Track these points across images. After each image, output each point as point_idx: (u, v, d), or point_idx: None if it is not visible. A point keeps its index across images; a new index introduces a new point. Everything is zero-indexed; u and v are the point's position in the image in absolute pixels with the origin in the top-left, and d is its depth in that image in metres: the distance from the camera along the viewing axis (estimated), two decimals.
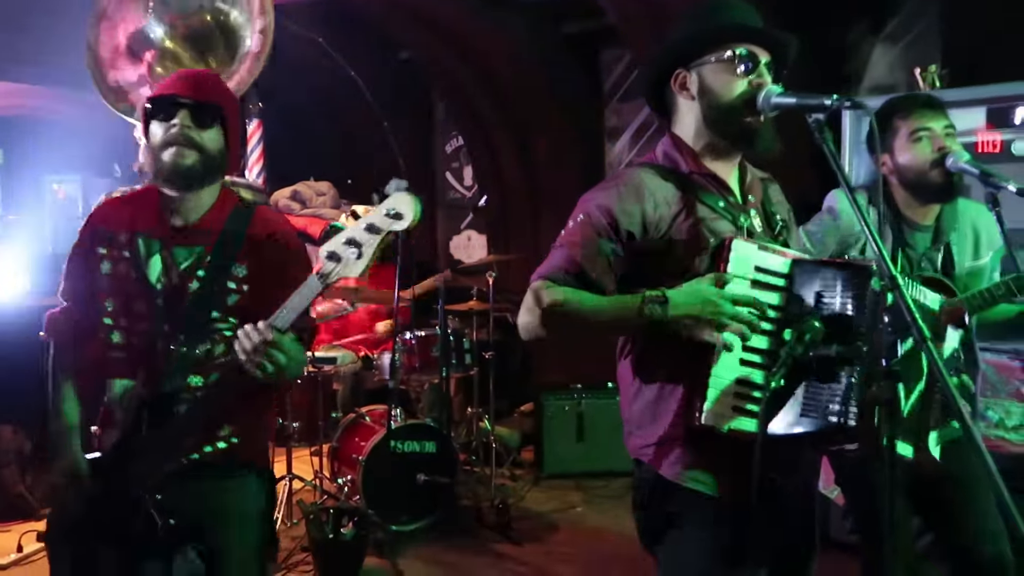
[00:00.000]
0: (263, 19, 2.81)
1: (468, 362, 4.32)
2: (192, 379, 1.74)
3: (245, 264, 1.78)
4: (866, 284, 1.42)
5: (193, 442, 1.74)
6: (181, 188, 1.75)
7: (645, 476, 1.60)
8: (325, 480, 4.02)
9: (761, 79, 1.54)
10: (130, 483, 1.69)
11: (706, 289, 1.45)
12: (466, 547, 3.68)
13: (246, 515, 1.82)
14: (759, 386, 1.46)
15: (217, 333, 1.76)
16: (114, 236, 1.79)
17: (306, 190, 5.94)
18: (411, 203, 1.51)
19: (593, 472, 4.50)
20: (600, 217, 1.53)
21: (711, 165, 1.61)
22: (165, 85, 1.76)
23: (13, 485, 3.98)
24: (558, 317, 1.51)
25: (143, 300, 1.76)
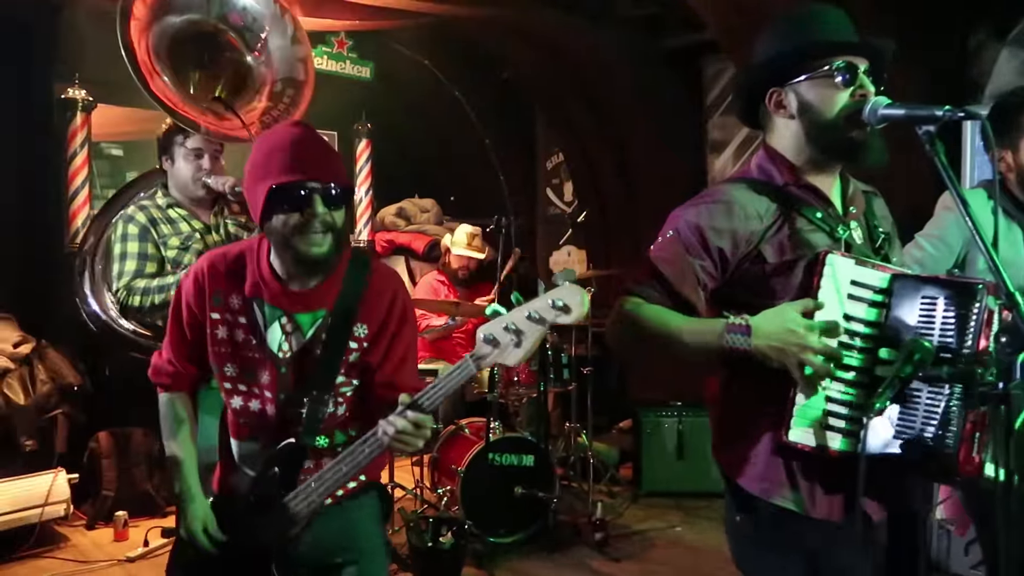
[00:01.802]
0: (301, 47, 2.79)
1: (566, 377, 4.33)
2: (319, 440, 1.72)
3: (365, 324, 1.72)
4: (972, 303, 1.34)
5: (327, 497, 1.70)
6: (311, 273, 1.68)
7: (734, 493, 1.58)
8: (425, 490, 4.12)
9: (864, 89, 1.49)
10: (256, 538, 1.69)
11: (792, 318, 1.40)
12: (563, 562, 3.67)
13: (372, 536, 1.83)
14: (851, 405, 1.41)
15: (340, 395, 1.72)
16: (227, 299, 1.71)
17: (411, 207, 6.13)
18: (580, 297, 1.42)
19: (693, 492, 4.41)
20: (689, 234, 1.52)
21: (811, 178, 1.57)
22: (285, 171, 1.58)
23: (141, 483, 4.27)
24: (638, 333, 1.50)
25: (265, 369, 1.70)
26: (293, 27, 2.77)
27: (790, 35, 1.56)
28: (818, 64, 1.50)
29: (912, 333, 1.38)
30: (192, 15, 2.70)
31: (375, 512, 1.85)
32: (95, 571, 3.60)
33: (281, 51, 2.78)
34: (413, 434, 1.52)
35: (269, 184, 1.58)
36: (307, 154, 1.60)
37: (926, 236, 2.16)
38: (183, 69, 2.72)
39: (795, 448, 1.43)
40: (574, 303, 1.41)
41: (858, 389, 1.43)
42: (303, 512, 1.67)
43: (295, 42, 2.78)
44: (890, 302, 1.43)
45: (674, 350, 1.50)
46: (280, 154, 1.60)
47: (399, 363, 1.74)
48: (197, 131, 2.62)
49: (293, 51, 2.78)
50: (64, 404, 4.07)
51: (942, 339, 1.36)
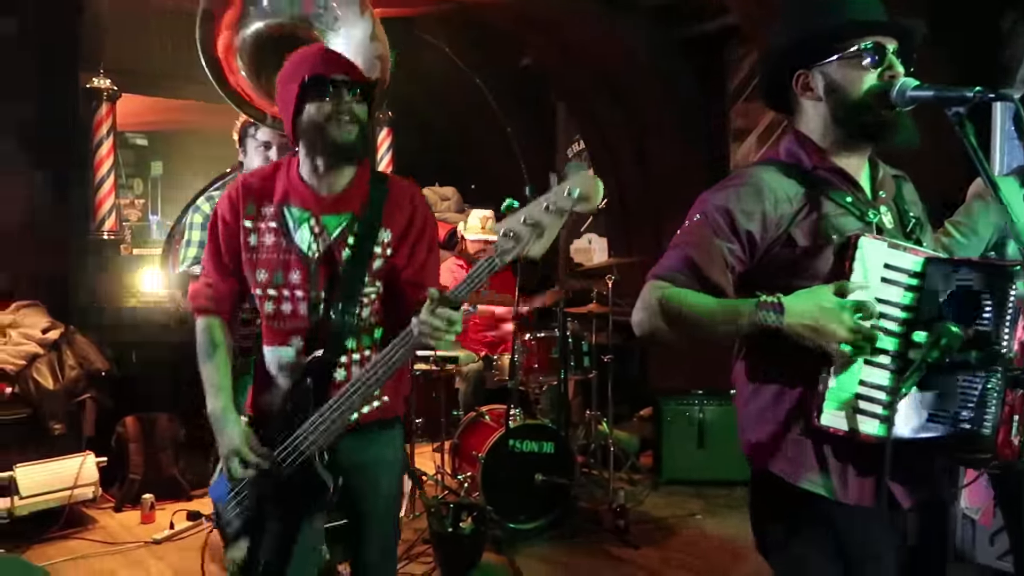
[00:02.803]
0: (377, 45, 2.83)
1: (587, 365, 4.33)
2: (348, 342, 1.80)
3: (389, 229, 1.83)
4: (1007, 286, 1.32)
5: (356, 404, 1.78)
6: (343, 162, 1.80)
7: (759, 476, 1.57)
8: (446, 476, 4.14)
9: (892, 70, 1.46)
10: (300, 445, 1.75)
11: (826, 297, 1.39)
12: (583, 548, 3.69)
13: (393, 464, 1.97)
14: (884, 388, 1.40)
15: (366, 297, 1.82)
16: (259, 208, 1.83)
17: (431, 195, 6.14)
18: (595, 185, 1.44)
19: (714, 480, 4.40)
20: (717, 217, 1.50)
21: (839, 161, 1.54)
22: (316, 65, 1.77)
23: (167, 468, 4.34)
24: (669, 318, 1.49)
25: (296, 269, 1.80)
26: (372, 24, 2.82)
27: (816, 15, 1.53)
28: (846, 45, 1.47)
29: (945, 316, 1.36)
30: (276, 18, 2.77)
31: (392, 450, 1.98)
32: (123, 552, 3.67)
33: (361, 48, 2.83)
34: (445, 329, 1.57)
35: (302, 76, 1.75)
36: (333, 56, 1.83)
37: (956, 223, 2.13)
38: (267, 69, 2.78)
39: (826, 432, 1.42)
40: (590, 190, 1.43)
41: (892, 373, 1.41)
42: (342, 416, 1.73)
43: (373, 39, 2.83)
44: (924, 285, 1.41)
45: (705, 332, 1.49)
46: (310, 57, 1.80)
47: (423, 264, 1.86)
48: (263, 123, 2.70)
49: (371, 48, 2.83)
50: (92, 389, 4.13)
51: (978, 323, 1.34)
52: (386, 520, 1.97)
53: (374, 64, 2.81)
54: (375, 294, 1.84)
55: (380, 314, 1.86)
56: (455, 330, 1.58)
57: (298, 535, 1.79)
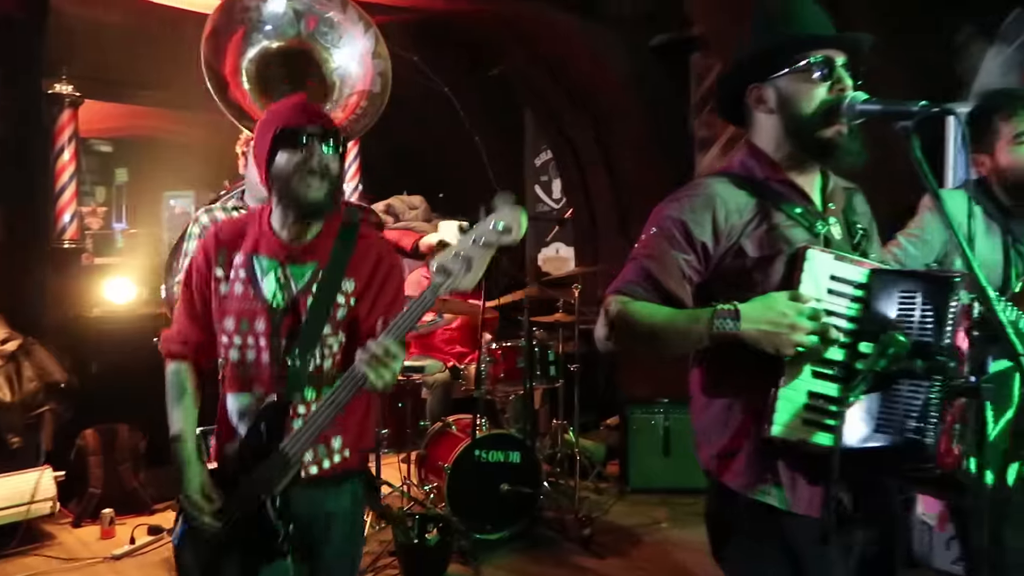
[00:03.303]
0: (380, 62, 2.87)
1: (553, 374, 4.33)
2: (306, 392, 1.81)
3: (353, 279, 1.85)
4: (949, 296, 1.35)
5: (310, 454, 1.81)
6: (309, 218, 1.83)
7: (715, 487, 1.58)
8: (412, 487, 4.12)
9: (841, 83, 1.50)
10: (253, 491, 1.77)
11: (781, 302, 1.42)
12: (548, 558, 3.69)
13: (352, 516, 1.94)
14: (833, 399, 1.42)
15: (327, 347, 1.83)
16: (230, 257, 1.87)
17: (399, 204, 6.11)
18: (519, 217, 1.53)
19: (679, 488, 4.41)
20: (672, 229, 1.53)
21: (791, 174, 1.57)
22: (291, 117, 1.81)
23: (128, 481, 4.26)
24: (631, 331, 1.51)
25: (261, 318, 1.82)
26: (375, 41, 2.84)
27: (768, 30, 1.57)
28: (797, 59, 1.51)
29: (892, 327, 1.39)
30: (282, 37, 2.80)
31: (350, 508, 1.92)
32: (81, 569, 3.59)
33: (363, 65, 2.85)
34: (385, 358, 1.60)
35: (276, 127, 1.80)
36: (308, 109, 1.85)
37: (907, 235, 2.17)
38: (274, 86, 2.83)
39: (777, 443, 1.44)
40: (514, 223, 1.53)
41: (838, 383, 1.43)
42: (292, 461, 1.75)
43: (376, 56, 2.87)
44: (869, 297, 1.44)
45: (664, 342, 1.52)
46: (285, 108, 1.84)
47: (384, 315, 1.83)
48: None
49: (375, 65, 2.87)
50: (50, 401, 4.06)
51: (921, 333, 1.37)
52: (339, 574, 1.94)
53: (376, 80, 2.87)
54: (337, 345, 1.85)
55: (341, 366, 1.85)
56: (394, 366, 1.61)
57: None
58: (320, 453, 1.84)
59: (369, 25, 2.84)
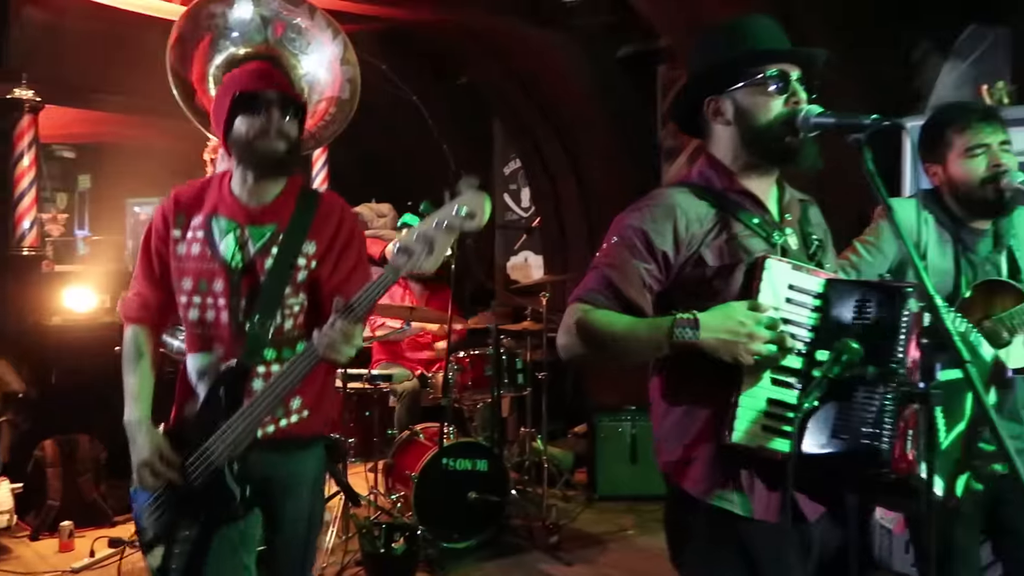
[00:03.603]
0: (349, 69, 2.88)
1: (521, 382, 4.34)
2: (266, 353, 1.82)
3: (314, 241, 1.86)
4: (902, 305, 1.39)
5: (269, 415, 1.82)
6: (271, 174, 1.85)
7: (673, 493, 1.60)
8: (379, 496, 4.09)
9: (796, 97, 1.54)
10: (210, 455, 1.77)
11: (739, 311, 1.45)
12: (516, 566, 3.68)
13: (311, 482, 1.96)
14: (791, 406, 1.45)
15: (288, 308, 1.84)
16: (189, 219, 1.88)
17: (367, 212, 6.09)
18: (483, 202, 1.54)
19: (646, 496, 4.43)
20: (633, 238, 1.55)
21: (748, 184, 1.61)
22: (249, 80, 1.85)
23: (88, 492, 4.17)
24: (592, 338, 1.52)
25: (219, 278, 1.83)
26: (344, 48, 2.84)
27: (726, 45, 1.61)
28: (753, 72, 1.55)
29: (846, 334, 1.42)
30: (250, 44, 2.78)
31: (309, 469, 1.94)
32: None
33: (331, 70, 2.86)
34: (342, 341, 1.63)
35: (234, 91, 1.82)
36: (268, 74, 1.89)
37: (863, 242, 2.22)
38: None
39: (736, 449, 1.47)
40: (477, 208, 1.54)
41: (797, 391, 1.46)
42: (249, 426, 1.75)
43: (345, 62, 2.86)
44: (826, 306, 1.48)
45: (624, 350, 1.53)
46: (245, 73, 1.88)
47: (347, 277, 1.87)
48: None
49: (343, 71, 2.86)
50: (8, 412, 3.97)
51: (875, 342, 1.40)
52: (295, 542, 1.94)
53: (345, 87, 2.86)
54: (298, 306, 1.86)
55: (304, 327, 1.87)
56: (354, 343, 1.64)
57: (209, 544, 1.79)
58: (278, 413, 1.85)
59: (337, 32, 2.84)
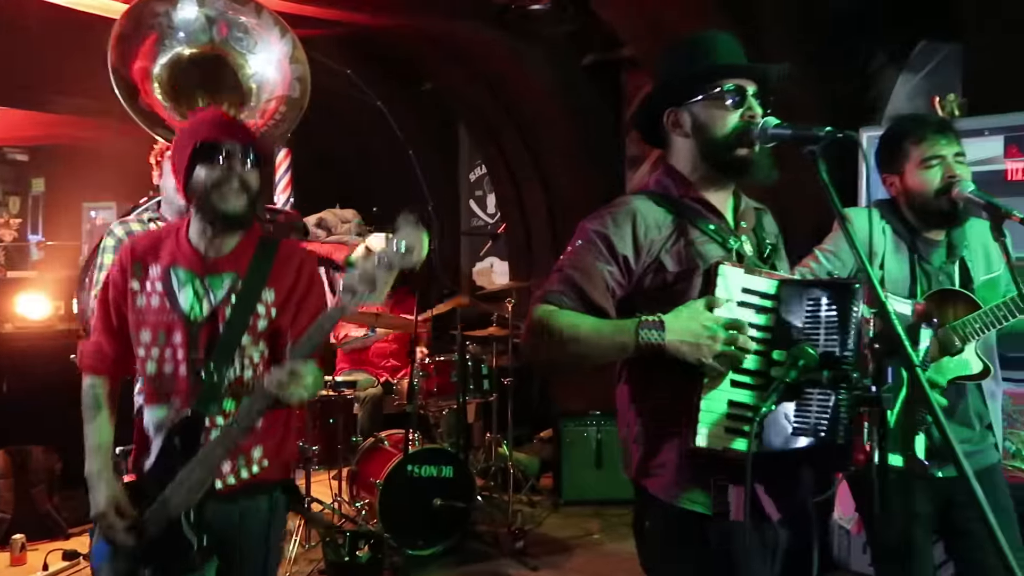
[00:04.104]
0: (298, 67, 2.86)
1: (487, 388, 4.35)
2: (225, 403, 1.81)
3: (273, 289, 1.86)
4: (851, 301, 1.44)
5: (228, 465, 1.81)
6: (227, 230, 1.84)
7: (643, 498, 1.62)
8: (343, 503, 4.06)
9: (752, 111, 1.58)
10: (167, 505, 1.76)
11: (701, 313, 1.48)
12: (482, 572, 3.68)
13: (269, 529, 1.93)
14: (750, 407, 1.48)
15: (248, 358, 1.83)
16: (146, 269, 1.86)
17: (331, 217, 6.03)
18: (421, 237, 1.58)
19: (611, 500, 4.47)
20: (596, 241, 1.58)
21: (705, 193, 1.65)
22: (210, 130, 1.81)
23: (42, 504, 4.07)
24: (553, 338, 1.54)
25: (178, 330, 1.82)
26: (292, 46, 2.81)
27: (686, 59, 1.65)
28: (710, 87, 1.59)
29: (800, 334, 1.46)
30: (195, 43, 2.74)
31: (265, 517, 1.91)
32: None
33: (280, 70, 2.83)
34: (292, 381, 1.64)
35: (195, 141, 1.79)
36: (228, 123, 1.86)
37: (823, 250, 2.26)
38: (190, 95, 2.77)
39: (700, 452, 1.49)
40: (415, 244, 1.59)
41: (755, 391, 1.50)
42: (206, 474, 1.75)
43: (294, 60, 2.84)
44: (779, 306, 1.51)
45: (592, 352, 1.55)
46: (205, 122, 1.84)
47: (307, 327, 1.83)
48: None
49: (292, 70, 2.84)
50: None
51: (828, 337, 1.45)
52: None
53: (294, 85, 2.84)
54: (259, 355, 1.85)
55: (263, 377, 1.82)
56: (303, 383, 1.65)
57: None
58: (239, 463, 1.84)
59: (285, 30, 2.82)
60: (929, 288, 2.10)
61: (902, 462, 1.57)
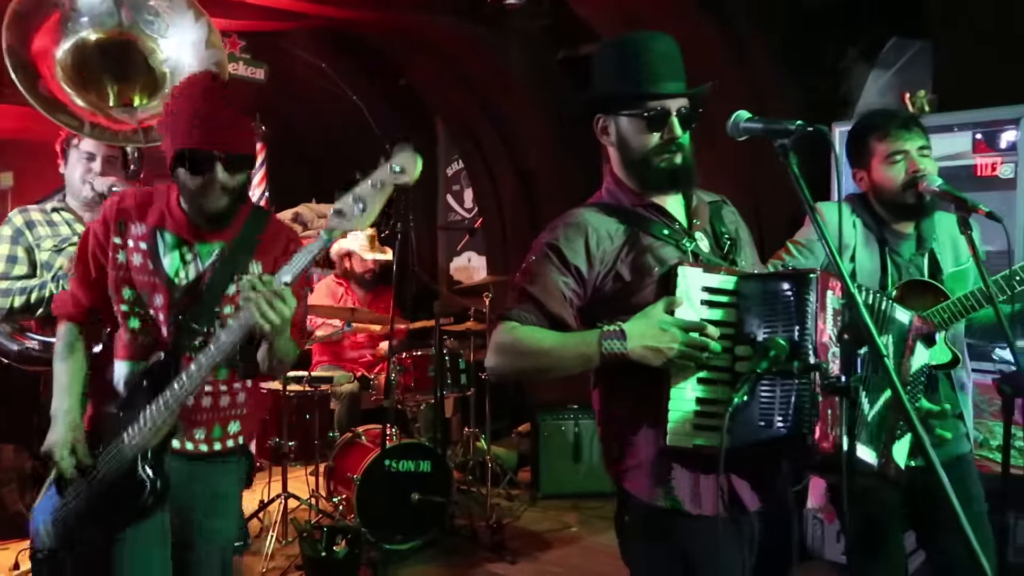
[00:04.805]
0: (215, 52, 2.74)
1: (464, 382, 4.35)
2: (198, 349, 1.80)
3: (260, 262, 1.88)
4: (806, 289, 1.46)
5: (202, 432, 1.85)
6: (212, 225, 1.85)
7: (620, 495, 1.65)
8: (320, 499, 4.05)
9: (672, 132, 1.59)
10: (122, 446, 1.77)
11: (660, 318, 1.50)
12: (460, 566, 3.69)
13: (232, 496, 1.99)
14: (719, 402, 1.50)
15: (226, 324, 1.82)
16: (129, 226, 1.86)
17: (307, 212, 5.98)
18: (414, 159, 1.58)
19: (589, 493, 4.51)
20: (550, 254, 1.61)
21: (654, 198, 1.66)
22: (191, 137, 1.75)
23: (12, 503, 4.01)
24: (518, 354, 1.57)
25: (160, 293, 1.83)
26: (208, 31, 2.76)
27: (615, 68, 1.64)
28: (634, 106, 1.60)
29: (761, 327, 1.48)
30: (102, 25, 2.65)
31: (237, 482, 1.99)
32: None
33: (195, 55, 2.76)
34: (273, 304, 1.60)
35: (175, 146, 1.76)
36: (213, 120, 1.75)
37: (795, 243, 2.29)
38: (98, 81, 2.68)
39: (673, 449, 1.52)
40: (409, 165, 1.58)
41: (722, 387, 1.52)
42: (169, 414, 1.74)
43: (210, 45, 2.77)
44: (740, 301, 1.53)
45: (553, 365, 1.58)
46: (188, 116, 1.75)
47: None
48: (81, 132, 2.58)
49: (208, 55, 2.76)
50: None
51: (786, 327, 1.47)
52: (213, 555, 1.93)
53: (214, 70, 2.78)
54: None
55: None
56: (281, 308, 1.61)
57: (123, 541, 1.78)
58: (215, 434, 1.87)
59: (200, 14, 2.75)
60: (899, 279, 2.13)
61: (875, 459, 1.58)
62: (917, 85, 3.82)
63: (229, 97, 1.81)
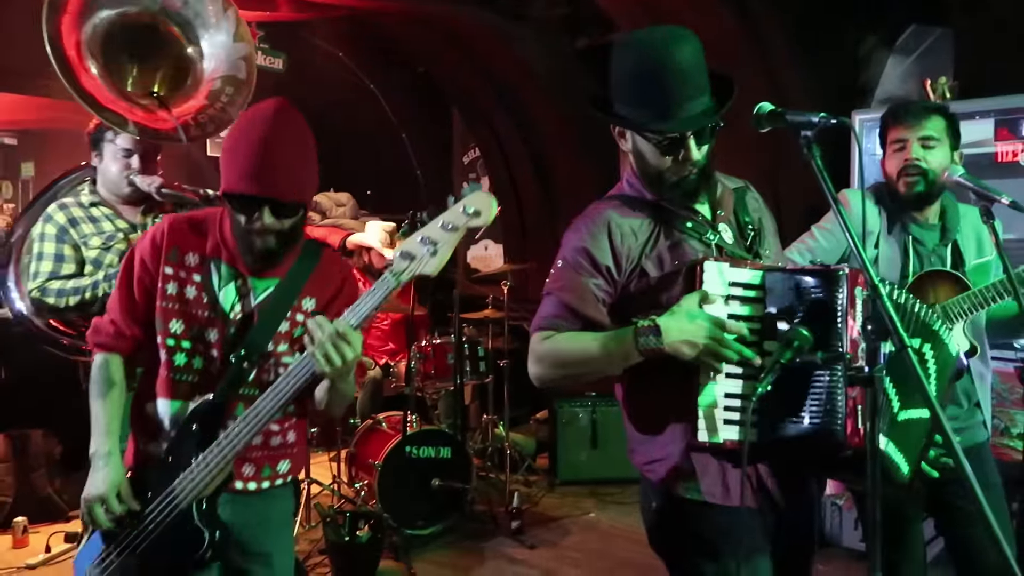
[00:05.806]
0: (243, 45, 2.69)
1: (483, 370, 4.39)
2: (250, 391, 1.73)
3: (314, 298, 1.79)
4: (836, 288, 1.47)
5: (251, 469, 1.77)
6: (264, 265, 1.74)
7: (649, 490, 1.68)
8: (343, 484, 4.11)
9: (687, 154, 1.57)
10: (175, 497, 1.67)
11: (695, 312, 1.50)
12: (479, 551, 3.74)
13: (285, 523, 1.92)
14: (746, 396, 1.52)
15: (282, 366, 1.75)
16: (183, 256, 1.75)
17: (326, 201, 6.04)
18: (488, 201, 1.51)
19: (607, 479, 4.55)
20: (578, 257, 1.61)
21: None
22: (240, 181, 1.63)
23: (43, 488, 4.10)
24: (559, 362, 1.60)
25: (214, 327, 1.73)
26: (236, 23, 2.71)
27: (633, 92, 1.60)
28: (649, 129, 1.58)
29: (789, 321, 1.49)
30: (128, 7, 2.59)
31: (289, 510, 1.91)
32: None
33: (223, 47, 2.70)
34: (333, 344, 1.53)
35: (226, 186, 1.65)
36: (268, 167, 1.62)
37: (819, 228, 2.30)
38: (119, 63, 2.62)
39: (703, 444, 1.54)
40: (484, 207, 1.50)
41: (749, 381, 1.53)
42: (224, 462, 1.65)
43: (238, 39, 2.71)
44: (766, 295, 1.54)
45: (594, 366, 1.59)
46: (243, 156, 1.63)
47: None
48: (124, 129, 2.53)
49: (235, 48, 2.71)
50: None
51: (814, 322, 1.47)
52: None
53: (239, 65, 2.72)
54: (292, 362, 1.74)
55: None
56: (346, 350, 1.54)
57: None
58: (264, 473, 1.79)
59: (229, 5, 2.69)
60: (921, 269, 2.14)
61: (908, 473, 1.59)
62: (938, 72, 3.80)
63: (293, 133, 1.67)
